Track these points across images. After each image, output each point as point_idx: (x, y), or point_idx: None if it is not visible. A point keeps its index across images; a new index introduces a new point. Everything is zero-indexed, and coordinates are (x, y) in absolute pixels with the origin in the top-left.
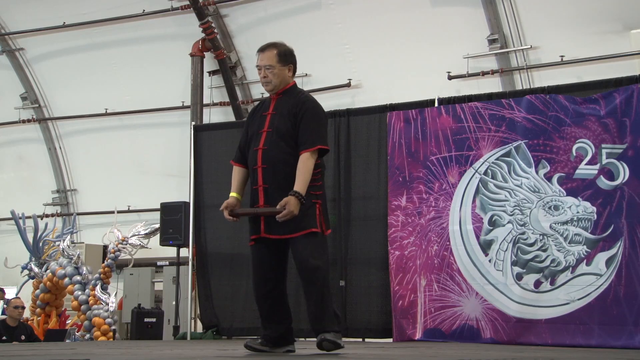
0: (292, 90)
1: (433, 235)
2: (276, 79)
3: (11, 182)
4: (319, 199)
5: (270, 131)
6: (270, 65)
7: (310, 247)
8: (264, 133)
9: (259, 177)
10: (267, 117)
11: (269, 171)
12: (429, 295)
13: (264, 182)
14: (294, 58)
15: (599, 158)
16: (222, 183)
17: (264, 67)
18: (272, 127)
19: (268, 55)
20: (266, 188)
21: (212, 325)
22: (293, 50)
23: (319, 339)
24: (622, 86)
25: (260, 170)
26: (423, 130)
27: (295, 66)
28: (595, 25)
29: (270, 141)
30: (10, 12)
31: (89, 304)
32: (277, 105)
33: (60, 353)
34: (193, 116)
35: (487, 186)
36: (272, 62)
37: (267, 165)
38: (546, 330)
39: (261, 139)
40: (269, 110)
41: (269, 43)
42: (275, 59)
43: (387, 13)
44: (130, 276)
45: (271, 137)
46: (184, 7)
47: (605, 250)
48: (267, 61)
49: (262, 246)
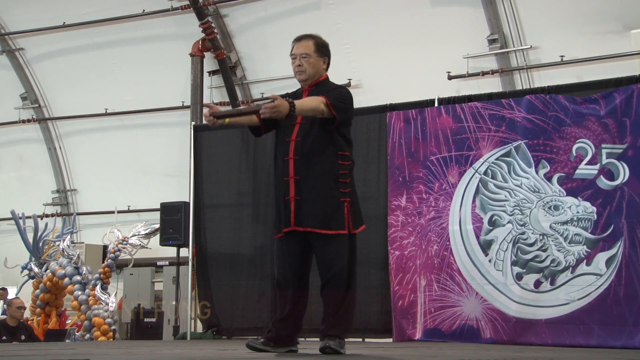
0: (325, 83)
1: (433, 235)
2: (311, 69)
3: (11, 182)
4: (347, 197)
5: (304, 123)
6: (307, 54)
7: (334, 252)
8: (297, 125)
9: (290, 169)
10: None
11: (302, 162)
12: (428, 295)
13: (295, 174)
14: (329, 52)
15: (599, 158)
16: (222, 183)
17: (299, 55)
18: (305, 119)
19: (305, 44)
20: (298, 180)
21: (212, 325)
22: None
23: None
24: (622, 86)
25: (292, 162)
26: (423, 130)
27: (329, 60)
28: (595, 25)
29: (304, 133)
30: (10, 12)
31: (89, 304)
32: (311, 94)
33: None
34: (193, 116)
35: (487, 186)
36: (309, 51)
37: (299, 157)
38: (546, 330)
39: (294, 130)
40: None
41: (305, 34)
42: (313, 48)
43: (387, 13)
44: (130, 276)
45: (305, 129)
46: (184, 7)
47: (605, 250)
48: (303, 49)
49: (290, 238)
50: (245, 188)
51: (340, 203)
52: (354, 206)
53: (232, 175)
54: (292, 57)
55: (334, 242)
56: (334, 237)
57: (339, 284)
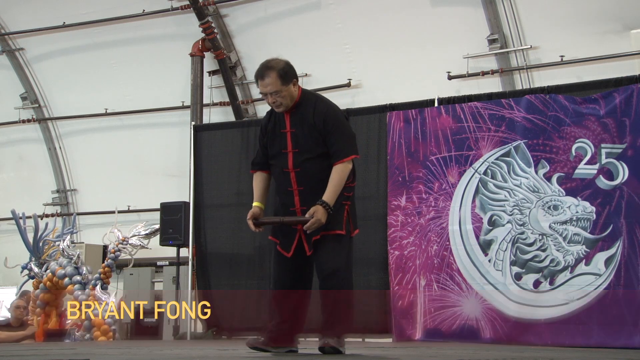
0: (303, 100)
1: (433, 235)
2: (286, 100)
3: (11, 182)
4: (349, 200)
5: (297, 152)
6: (276, 91)
7: (332, 250)
8: (290, 153)
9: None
10: (288, 136)
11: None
12: (428, 295)
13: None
14: (293, 70)
15: (599, 158)
16: (222, 183)
17: (269, 94)
18: (298, 147)
19: (269, 81)
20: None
21: (212, 325)
22: (288, 61)
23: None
24: (622, 86)
25: (296, 192)
26: (423, 130)
27: (297, 77)
28: (595, 25)
29: (300, 162)
30: (10, 12)
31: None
32: (294, 121)
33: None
34: (193, 116)
35: (487, 186)
36: (277, 87)
37: (303, 188)
38: (545, 330)
39: (288, 159)
40: (287, 127)
41: (264, 65)
42: (279, 82)
43: (387, 13)
44: (130, 276)
45: (301, 157)
46: (184, 7)
47: (604, 250)
48: (271, 87)
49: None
50: (245, 188)
51: (341, 205)
52: (353, 209)
53: (232, 175)
54: (263, 95)
55: (333, 242)
56: (332, 238)
57: (338, 284)
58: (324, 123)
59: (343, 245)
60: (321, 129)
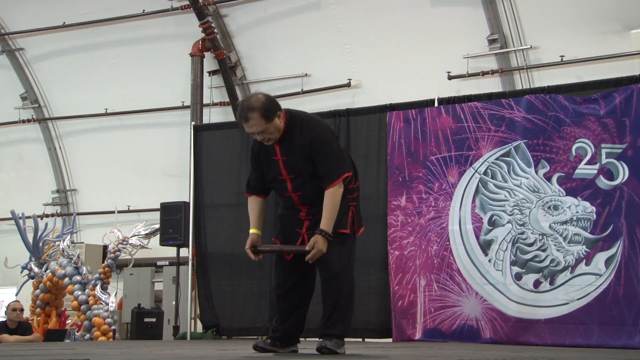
0: (289, 127)
1: (433, 235)
2: (274, 134)
3: (11, 182)
4: (354, 201)
5: (293, 177)
6: (263, 130)
7: (336, 252)
8: (287, 180)
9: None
10: (280, 163)
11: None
12: (428, 295)
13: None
14: (274, 103)
15: (599, 158)
16: (222, 183)
17: (257, 133)
18: (293, 172)
19: (253, 123)
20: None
21: (212, 325)
22: (268, 94)
23: (319, 345)
24: (622, 86)
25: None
26: (423, 130)
27: (279, 109)
28: (595, 25)
29: (298, 185)
30: (10, 12)
31: (89, 304)
32: (283, 149)
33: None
34: (193, 116)
35: (487, 186)
36: (262, 126)
37: (309, 206)
38: (546, 330)
39: (287, 185)
40: (278, 155)
41: (245, 107)
42: (262, 121)
43: (387, 13)
44: (130, 276)
45: (298, 181)
46: (184, 7)
47: (604, 250)
48: (257, 128)
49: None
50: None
51: (348, 207)
52: (357, 208)
53: (232, 175)
54: (251, 134)
55: (337, 244)
56: (336, 238)
57: (340, 285)
58: (310, 148)
59: (347, 246)
60: (309, 153)
